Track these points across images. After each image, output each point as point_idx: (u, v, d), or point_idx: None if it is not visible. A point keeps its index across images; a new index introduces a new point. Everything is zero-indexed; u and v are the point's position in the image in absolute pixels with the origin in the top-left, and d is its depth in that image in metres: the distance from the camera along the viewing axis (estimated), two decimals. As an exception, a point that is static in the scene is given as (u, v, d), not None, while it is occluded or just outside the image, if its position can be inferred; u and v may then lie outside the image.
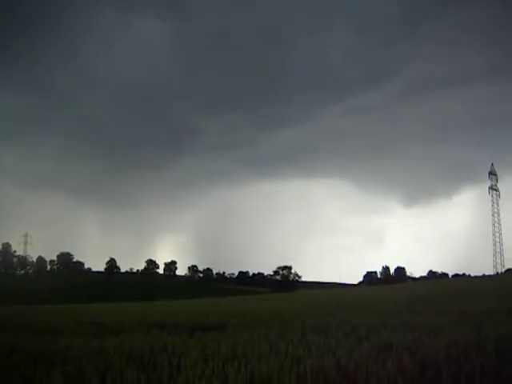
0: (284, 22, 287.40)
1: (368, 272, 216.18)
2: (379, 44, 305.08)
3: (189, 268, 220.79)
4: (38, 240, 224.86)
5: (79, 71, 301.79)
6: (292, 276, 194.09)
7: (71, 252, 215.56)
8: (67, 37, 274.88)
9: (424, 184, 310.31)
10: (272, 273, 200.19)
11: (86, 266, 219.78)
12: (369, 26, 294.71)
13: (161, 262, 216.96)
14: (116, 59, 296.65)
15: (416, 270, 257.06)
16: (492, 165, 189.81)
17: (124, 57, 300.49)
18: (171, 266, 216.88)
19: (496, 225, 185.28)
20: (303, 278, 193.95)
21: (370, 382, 9.08)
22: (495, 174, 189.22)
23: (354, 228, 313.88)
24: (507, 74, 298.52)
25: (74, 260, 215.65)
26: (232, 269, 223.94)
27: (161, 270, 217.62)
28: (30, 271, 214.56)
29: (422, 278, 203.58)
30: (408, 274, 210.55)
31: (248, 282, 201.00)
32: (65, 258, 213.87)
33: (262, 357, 11.05)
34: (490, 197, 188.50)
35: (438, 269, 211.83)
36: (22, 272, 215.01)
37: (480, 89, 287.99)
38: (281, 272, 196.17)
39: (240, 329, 18.09)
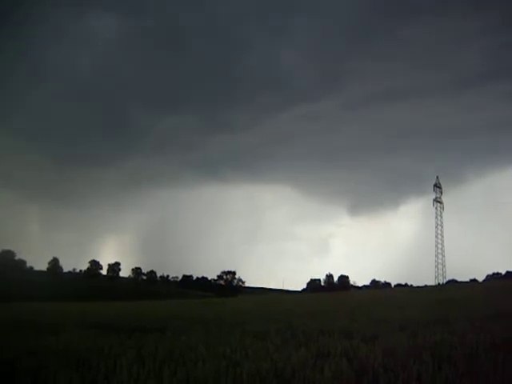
0: (238, 26, 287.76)
1: (312, 279, 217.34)
2: (331, 55, 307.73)
3: (132, 270, 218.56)
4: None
5: (26, 67, 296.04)
6: (236, 281, 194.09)
7: (13, 250, 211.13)
8: (15, 31, 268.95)
9: (370, 194, 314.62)
10: (216, 277, 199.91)
11: (28, 265, 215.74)
12: (322, 37, 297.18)
13: (104, 262, 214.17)
14: (64, 55, 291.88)
15: (359, 278, 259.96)
16: (437, 177, 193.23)
17: (73, 53, 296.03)
18: (115, 267, 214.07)
19: (439, 236, 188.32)
20: (247, 284, 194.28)
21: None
22: (440, 187, 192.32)
23: (299, 235, 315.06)
24: (457, 89, 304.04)
25: (16, 258, 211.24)
26: (176, 272, 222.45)
27: (104, 271, 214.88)
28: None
29: (365, 286, 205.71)
30: (351, 282, 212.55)
31: (192, 285, 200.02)
32: (6, 256, 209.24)
33: (199, 360, 10.95)
34: (434, 209, 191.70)
35: (381, 278, 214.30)
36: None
37: (429, 102, 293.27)
38: (225, 277, 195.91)
39: (179, 332, 17.95)
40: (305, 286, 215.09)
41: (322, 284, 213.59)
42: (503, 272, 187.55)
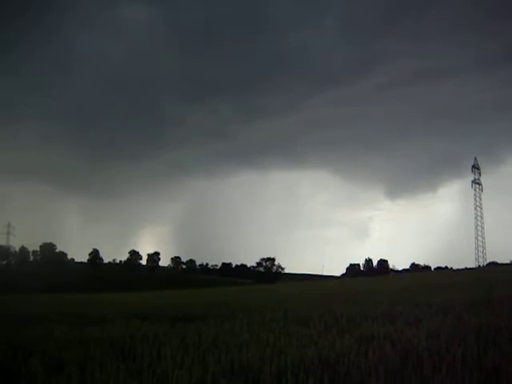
0: (271, 14, 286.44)
1: (351, 264, 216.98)
2: (364, 37, 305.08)
3: (172, 259, 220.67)
4: (21, 230, 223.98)
5: (59, 56, 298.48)
6: (275, 268, 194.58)
7: (54, 242, 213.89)
8: (47, 18, 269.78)
9: (409, 177, 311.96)
10: (255, 264, 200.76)
11: (69, 257, 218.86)
12: (354, 21, 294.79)
13: (144, 253, 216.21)
14: (97, 44, 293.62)
15: (399, 262, 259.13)
16: (475, 159, 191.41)
17: (105, 42, 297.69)
18: (154, 257, 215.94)
19: (478, 218, 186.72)
20: (286, 270, 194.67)
21: (351, 373, 9.03)
22: (478, 168, 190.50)
23: (337, 220, 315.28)
24: (491, 67, 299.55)
25: (57, 250, 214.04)
26: (215, 260, 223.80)
27: (144, 261, 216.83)
28: (13, 262, 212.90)
29: (404, 270, 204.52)
30: (391, 266, 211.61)
31: (231, 273, 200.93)
32: (48, 249, 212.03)
33: (242, 346, 10.99)
34: (473, 190, 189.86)
35: (421, 261, 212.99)
36: (4, 263, 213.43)
37: (462, 82, 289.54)
38: (264, 264, 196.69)
39: (222, 319, 18.01)
40: (344, 271, 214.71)
41: (362, 268, 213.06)
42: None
